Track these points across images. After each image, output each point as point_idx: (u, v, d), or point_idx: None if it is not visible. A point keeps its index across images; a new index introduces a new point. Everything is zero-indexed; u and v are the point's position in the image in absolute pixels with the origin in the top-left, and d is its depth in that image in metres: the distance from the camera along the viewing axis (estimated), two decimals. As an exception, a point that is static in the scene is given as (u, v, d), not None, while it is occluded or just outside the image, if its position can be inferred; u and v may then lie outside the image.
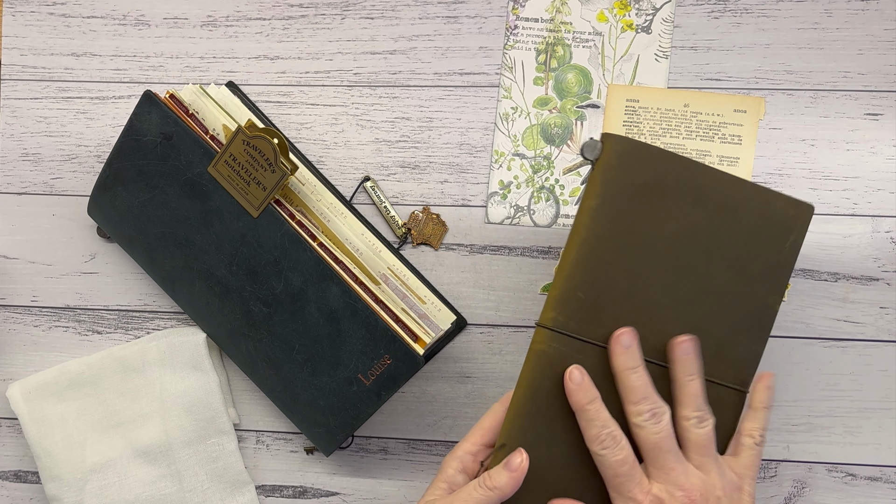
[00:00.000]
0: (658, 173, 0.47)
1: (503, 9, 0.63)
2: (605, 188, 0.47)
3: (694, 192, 0.47)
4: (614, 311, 0.47)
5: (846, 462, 0.60)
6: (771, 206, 0.48)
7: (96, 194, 0.61)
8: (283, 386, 0.58)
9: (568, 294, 0.47)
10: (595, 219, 0.47)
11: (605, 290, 0.47)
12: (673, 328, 0.47)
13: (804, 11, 0.61)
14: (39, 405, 0.62)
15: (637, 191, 0.47)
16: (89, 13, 0.65)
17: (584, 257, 0.47)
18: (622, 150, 0.47)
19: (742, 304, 0.48)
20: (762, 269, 0.48)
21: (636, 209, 0.47)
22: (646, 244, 0.47)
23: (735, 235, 0.48)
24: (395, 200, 0.63)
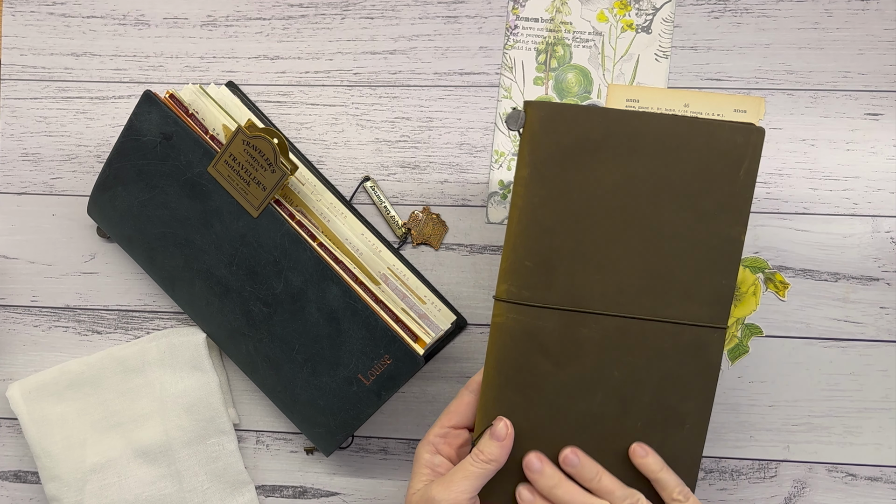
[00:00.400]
0: (585, 131, 0.47)
1: (503, 9, 0.63)
2: (532, 156, 0.47)
3: (627, 142, 0.47)
4: (565, 272, 0.48)
5: (846, 462, 0.60)
6: (715, 138, 0.46)
7: (96, 194, 0.61)
8: (283, 386, 0.58)
9: (516, 264, 0.48)
10: (528, 187, 0.47)
11: (552, 254, 0.48)
12: (631, 277, 0.47)
13: (804, 11, 0.61)
14: (39, 405, 0.62)
15: (566, 152, 0.47)
16: (89, 13, 0.65)
17: (525, 227, 0.48)
18: (544, 116, 0.47)
19: (703, 242, 0.47)
20: (718, 204, 0.47)
21: (569, 170, 0.47)
22: (586, 202, 0.47)
23: (680, 175, 0.47)
24: (395, 200, 0.63)
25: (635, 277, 0.47)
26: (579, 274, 0.48)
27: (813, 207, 0.60)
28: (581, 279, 0.48)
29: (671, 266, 0.47)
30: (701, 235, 0.47)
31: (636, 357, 0.48)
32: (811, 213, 0.60)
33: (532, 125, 0.47)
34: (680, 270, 0.47)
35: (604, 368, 0.48)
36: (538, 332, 0.48)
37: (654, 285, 0.47)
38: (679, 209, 0.47)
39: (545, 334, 0.48)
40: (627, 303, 0.48)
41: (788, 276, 0.60)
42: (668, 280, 0.47)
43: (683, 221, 0.47)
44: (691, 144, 0.47)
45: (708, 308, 0.48)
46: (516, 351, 0.48)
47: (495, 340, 0.49)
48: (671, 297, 0.47)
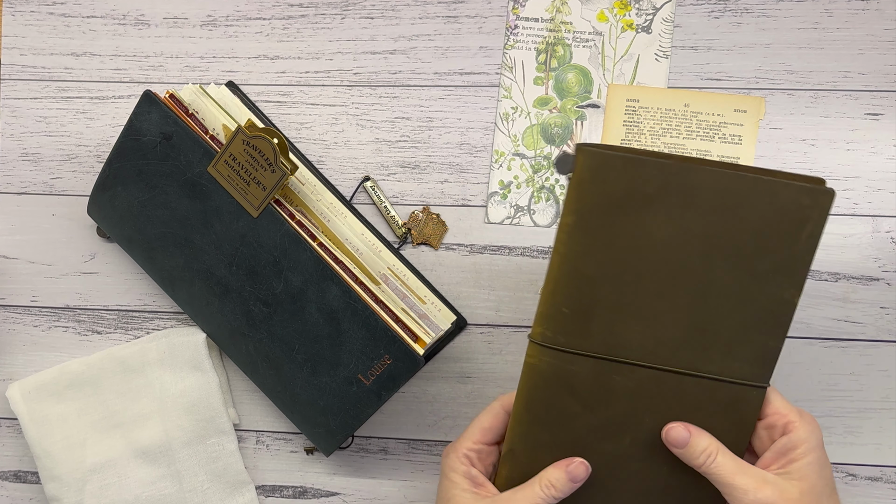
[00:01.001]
0: (638, 183, 0.45)
1: (503, 8, 0.63)
2: (579, 204, 0.45)
3: (682, 196, 0.45)
4: (603, 321, 0.46)
5: (846, 462, 0.60)
6: (779, 198, 0.44)
7: (96, 194, 0.60)
8: (283, 386, 0.58)
9: (553, 310, 0.47)
10: (572, 235, 0.46)
11: (591, 303, 0.46)
12: (673, 330, 0.46)
13: (804, 11, 0.61)
14: (39, 405, 0.62)
15: (615, 203, 0.45)
16: (89, 13, 0.65)
17: (565, 274, 0.46)
18: (595, 164, 0.45)
19: (752, 302, 0.45)
20: (774, 265, 0.45)
21: (616, 221, 0.45)
22: (633, 254, 0.46)
23: (738, 234, 0.45)
24: (395, 200, 0.63)
25: (678, 331, 0.46)
26: (618, 324, 0.46)
27: (813, 207, 0.60)
28: (620, 329, 0.46)
29: (717, 323, 0.46)
30: (752, 295, 0.45)
31: (669, 408, 0.47)
32: (811, 213, 0.60)
33: (582, 172, 0.45)
34: (725, 328, 0.46)
35: (635, 414, 0.47)
36: (570, 377, 0.47)
37: (697, 340, 0.46)
38: (732, 268, 0.45)
39: (577, 379, 0.47)
40: (666, 355, 0.46)
41: (788, 276, 0.60)
42: (711, 336, 0.46)
43: (736, 280, 0.45)
44: (753, 203, 0.44)
45: (750, 367, 0.46)
46: (547, 392, 0.47)
47: (527, 380, 0.48)
48: (713, 354, 0.46)
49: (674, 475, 0.48)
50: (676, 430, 0.46)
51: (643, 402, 0.47)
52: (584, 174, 0.45)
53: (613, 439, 0.48)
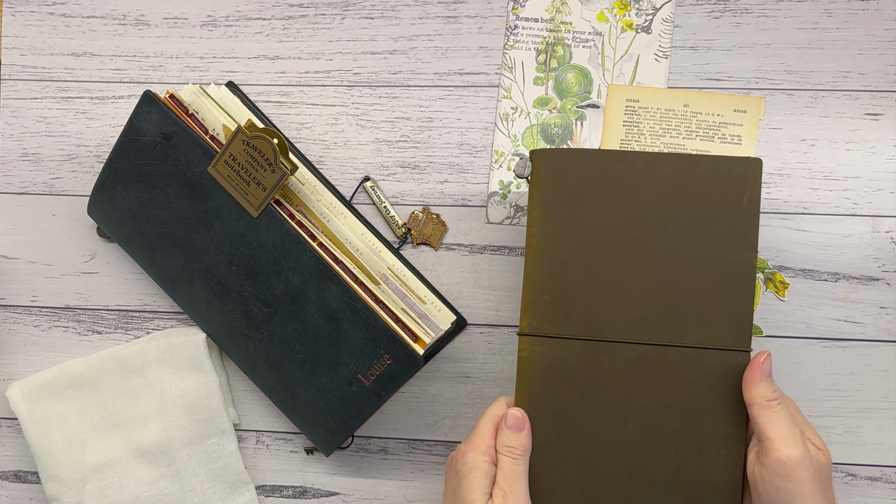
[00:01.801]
0: (590, 173, 0.50)
1: (503, 9, 0.63)
2: (541, 198, 0.50)
3: (632, 180, 0.49)
4: (583, 303, 0.49)
5: (846, 462, 0.60)
6: (717, 171, 0.49)
7: (96, 194, 0.61)
8: (283, 386, 0.58)
9: (534, 299, 0.50)
10: (540, 227, 0.50)
11: (569, 286, 0.49)
12: (648, 304, 0.49)
13: (804, 11, 0.61)
14: (39, 405, 0.62)
15: (573, 193, 0.50)
16: (89, 13, 0.65)
17: (541, 263, 0.50)
18: (549, 161, 0.50)
19: (716, 268, 0.49)
20: (726, 231, 0.49)
21: (575, 208, 0.50)
22: (598, 236, 0.49)
23: (686, 206, 0.49)
24: (395, 200, 0.63)
25: (653, 305, 0.49)
26: (597, 304, 0.49)
27: (813, 207, 0.60)
28: (599, 309, 0.49)
29: (687, 292, 0.49)
30: (713, 262, 0.49)
31: (662, 384, 0.48)
32: (811, 213, 0.60)
33: (538, 171, 0.51)
34: (697, 296, 0.49)
35: (631, 396, 0.49)
36: (562, 363, 0.49)
37: (673, 312, 0.49)
38: (689, 238, 0.49)
39: (569, 364, 0.49)
40: (648, 330, 0.49)
41: (788, 276, 0.60)
42: (685, 306, 0.49)
43: (695, 249, 0.49)
44: (694, 179, 0.49)
45: (728, 332, 0.48)
46: (543, 383, 0.49)
47: (522, 375, 0.50)
48: (690, 323, 0.49)
49: (682, 459, 0.48)
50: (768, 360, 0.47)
51: (635, 383, 0.49)
52: (542, 171, 0.50)
53: (616, 426, 0.49)
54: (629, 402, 0.49)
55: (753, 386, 0.47)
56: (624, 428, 0.49)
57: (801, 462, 0.44)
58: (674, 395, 0.48)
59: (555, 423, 0.49)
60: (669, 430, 0.48)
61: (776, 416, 0.46)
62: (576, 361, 0.49)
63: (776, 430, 0.45)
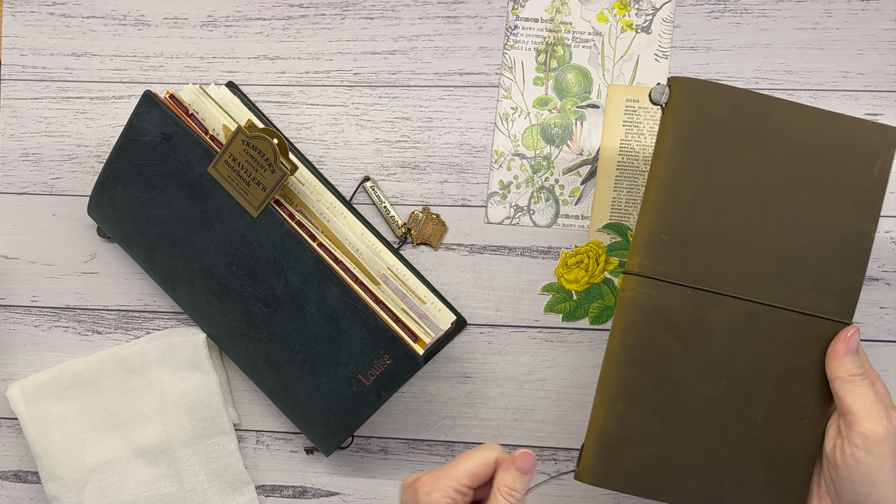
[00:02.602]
0: (729, 110, 0.47)
1: (503, 9, 0.63)
2: (676, 130, 0.47)
3: (769, 126, 0.47)
4: (700, 250, 0.47)
5: (846, 462, 0.59)
6: (853, 133, 0.47)
7: (96, 194, 0.61)
8: (283, 386, 0.58)
9: (652, 237, 0.48)
10: (670, 160, 0.48)
11: (689, 229, 0.47)
12: (763, 261, 0.47)
13: (804, 11, 0.61)
14: (39, 405, 0.62)
15: (709, 129, 0.47)
16: (89, 13, 0.65)
17: (664, 199, 0.48)
18: (690, 91, 0.47)
19: (834, 233, 0.47)
20: (851, 197, 0.47)
21: (710, 147, 0.47)
22: (725, 180, 0.47)
23: (818, 165, 0.47)
24: (395, 200, 0.63)
25: (768, 262, 0.47)
26: (714, 253, 0.47)
27: (813, 207, 0.60)
28: (716, 259, 0.47)
29: (804, 255, 0.47)
30: (834, 227, 0.48)
31: (762, 346, 0.47)
32: (811, 213, 0.60)
33: (677, 100, 0.48)
34: (812, 260, 0.47)
35: (730, 353, 0.47)
36: (668, 310, 0.47)
37: (786, 272, 0.47)
38: (815, 198, 0.47)
39: (675, 312, 0.47)
40: (759, 288, 0.47)
41: (788, 276, 0.60)
42: (799, 269, 0.47)
43: (818, 211, 0.47)
44: (830, 136, 0.47)
45: (835, 302, 0.48)
46: (646, 327, 0.48)
47: (623, 315, 0.48)
48: (801, 287, 0.47)
49: (767, 423, 0.48)
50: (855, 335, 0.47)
51: (737, 340, 0.47)
52: (681, 101, 0.48)
53: (710, 382, 0.47)
54: (728, 359, 0.47)
55: (838, 360, 0.46)
56: (717, 384, 0.47)
57: (885, 436, 0.44)
58: (771, 357, 0.47)
59: (650, 370, 0.47)
60: (761, 392, 0.47)
61: (860, 391, 0.45)
62: (682, 310, 0.47)
63: (860, 403, 0.45)
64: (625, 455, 0.48)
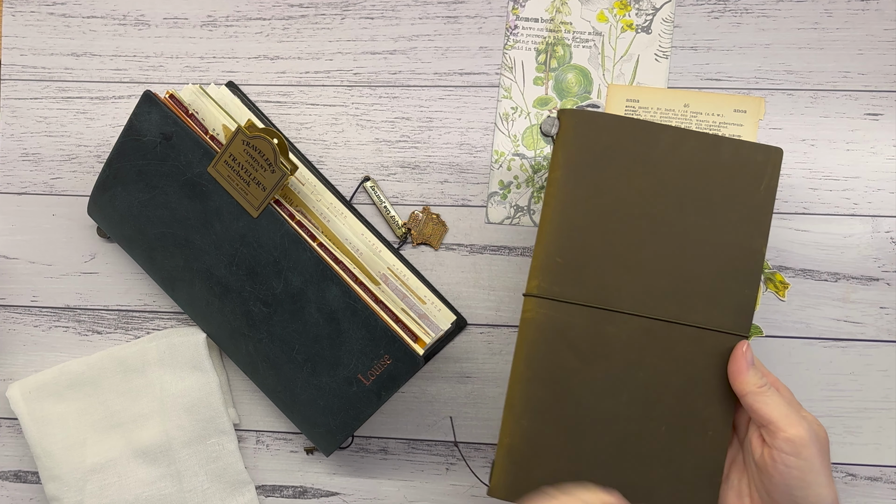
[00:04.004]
0: (616, 138, 0.49)
1: (503, 9, 0.63)
2: (566, 159, 0.50)
3: (656, 151, 0.49)
4: (595, 271, 0.49)
5: (846, 462, 0.60)
6: (739, 155, 0.49)
7: (96, 194, 0.61)
8: (283, 386, 0.58)
9: (547, 261, 0.49)
10: (561, 188, 0.49)
11: (582, 251, 0.49)
12: (657, 279, 0.49)
13: (804, 11, 0.61)
14: (39, 405, 0.62)
15: (597, 157, 0.49)
16: (89, 13, 0.65)
17: (558, 224, 0.49)
18: (578, 122, 0.50)
19: (726, 251, 0.49)
20: (740, 215, 0.49)
21: (599, 174, 0.49)
22: (616, 204, 0.49)
23: (706, 186, 0.49)
24: (395, 200, 0.63)
25: (662, 280, 0.49)
26: (608, 273, 0.49)
27: (813, 207, 0.60)
28: (610, 278, 0.49)
29: (696, 272, 0.49)
30: (725, 244, 0.49)
31: (661, 360, 0.49)
32: (811, 213, 0.60)
33: (566, 131, 0.50)
34: (704, 276, 0.49)
35: (629, 368, 0.49)
36: (567, 329, 0.49)
37: (680, 289, 0.49)
38: (705, 218, 0.49)
39: (574, 331, 0.49)
40: (654, 305, 0.49)
41: (788, 276, 0.60)
42: (693, 285, 0.49)
43: (708, 229, 0.49)
44: (717, 159, 0.49)
45: (731, 316, 0.49)
46: (546, 346, 0.49)
47: (525, 336, 0.50)
48: (696, 302, 0.49)
49: (671, 436, 0.49)
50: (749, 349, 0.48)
51: (635, 355, 0.49)
52: (569, 132, 0.50)
53: (611, 397, 0.49)
54: (627, 374, 0.49)
55: (742, 377, 0.47)
56: (619, 399, 0.49)
57: (808, 438, 0.45)
58: (671, 371, 0.48)
59: (552, 387, 0.49)
60: (663, 405, 0.49)
61: (772, 400, 0.46)
62: (580, 328, 0.49)
63: (776, 411, 0.46)
64: (533, 470, 0.49)
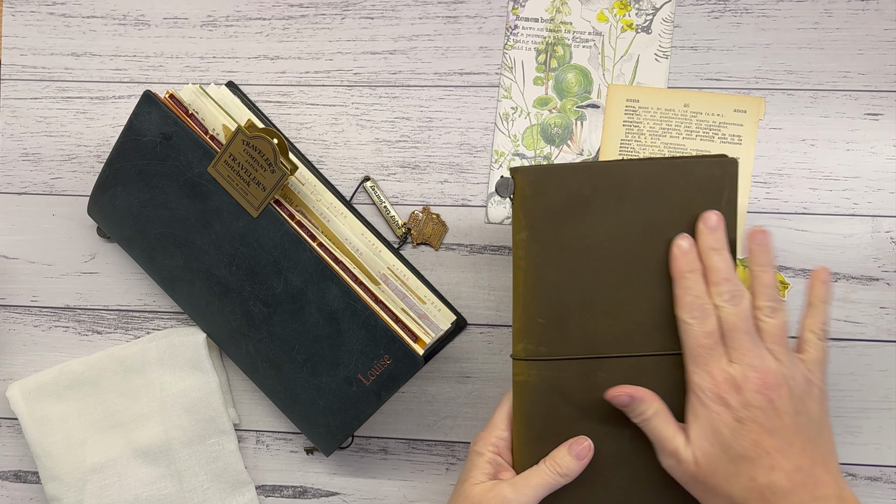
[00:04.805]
0: (573, 189, 0.49)
1: (503, 9, 0.63)
2: (528, 219, 0.49)
3: (614, 192, 0.49)
4: (577, 323, 0.49)
5: (846, 462, 0.60)
6: (694, 174, 0.49)
7: (96, 194, 0.61)
8: (283, 386, 0.58)
9: (529, 323, 0.49)
10: (529, 249, 0.49)
11: (562, 307, 0.49)
12: (638, 317, 0.49)
13: (804, 11, 0.61)
14: (39, 405, 0.62)
15: (558, 210, 0.49)
16: (89, 13, 0.65)
17: (532, 285, 0.49)
18: (533, 180, 0.49)
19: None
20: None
21: (564, 227, 0.49)
22: (585, 254, 0.49)
23: (668, 213, 0.49)
24: (395, 200, 0.63)
25: (643, 317, 0.49)
26: (590, 322, 0.49)
27: (813, 207, 0.60)
28: (593, 326, 0.49)
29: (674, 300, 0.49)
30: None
31: (657, 392, 0.48)
32: (811, 213, 0.60)
33: (523, 190, 0.49)
34: None
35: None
36: (560, 384, 0.49)
37: (662, 321, 0.49)
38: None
39: (567, 384, 0.49)
40: (640, 342, 0.49)
41: (788, 276, 0.60)
42: (673, 314, 0.48)
43: None
44: (673, 183, 0.49)
45: None
46: (542, 405, 0.50)
47: (521, 398, 0.50)
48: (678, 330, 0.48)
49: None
50: (620, 396, 0.48)
51: None
52: (526, 191, 0.49)
53: (614, 438, 0.49)
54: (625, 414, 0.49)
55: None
56: (622, 438, 0.49)
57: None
58: (668, 401, 0.48)
59: (557, 441, 0.49)
60: None
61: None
62: (573, 380, 0.49)
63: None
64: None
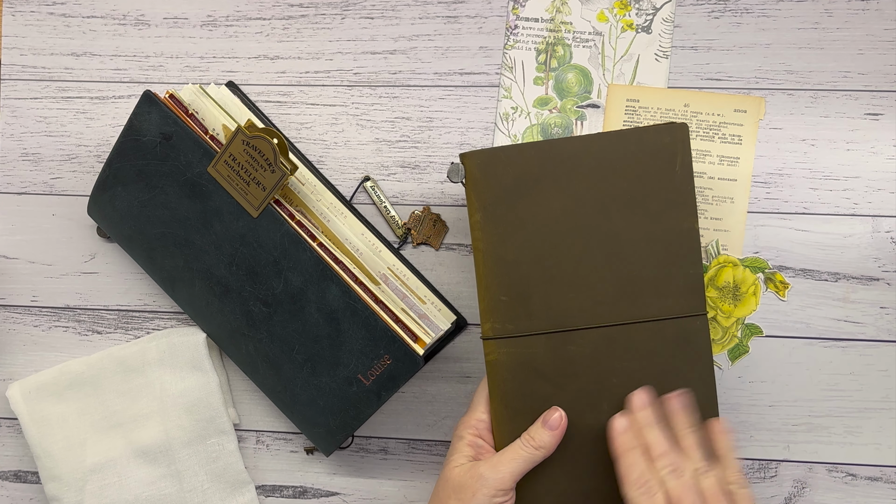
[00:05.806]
0: (522, 168, 0.49)
1: (503, 9, 0.63)
2: (480, 201, 0.50)
3: (564, 167, 0.49)
4: (541, 298, 0.49)
5: (846, 462, 0.60)
6: (645, 142, 0.49)
7: (96, 194, 0.61)
8: (283, 386, 0.58)
9: (493, 302, 0.50)
10: (485, 230, 0.50)
11: (523, 284, 0.49)
12: (602, 287, 0.49)
13: (804, 11, 0.61)
14: (39, 405, 0.62)
15: (510, 190, 0.49)
16: (89, 13, 0.65)
17: (492, 266, 0.50)
18: (481, 162, 0.50)
19: (661, 240, 0.49)
20: (664, 201, 0.49)
21: (517, 205, 0.49)
22: (541, 229, 0.49)
23: (622, 183, 0.49)
24: (395, 200, 0.63)
25: (608, 287, 0.49)
26: (554, 296, 0.49)
27: (813, 207, 0.60)
28: (557, 301, 0.49)
29: (638, 268, 0.49)
30: (657, 233, 0.49)
31: (628, 362, 0.49)
32: (811, 213, 0.60)
33: (473, 173, 0.50)
34: (647, 270, 0.49)
35: (601, 379, 0.49)
36: (531, 359, 0.50)
37: (628, 290, 0.49)
38: (630, 214, 0.49)
39: (538, 359, 0.50)
40: (607, 312, 0.49)
41: (788, 276, 0.60)
42: (638, 282, 0.49)
43: (637, 225, 0.49)
44: (624, 154, 0.49)
45: (683, 299, 0.49)
46: (516, 382, 0.50)
47: (494, 377, 0.50)
48: (646, 298, 0.49)
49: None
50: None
51: (604, 365, 0.49)
52: (476, 173, 0.50)
53: (592, 410, 0.49)
54: (601, 385, 0.49)
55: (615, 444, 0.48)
56: (600, 409, 0.49)
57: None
58: (641, 369, 0.49)
59: (533, 418, 0.50)
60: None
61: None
62: (543, 355, 0.49)
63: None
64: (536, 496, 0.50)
